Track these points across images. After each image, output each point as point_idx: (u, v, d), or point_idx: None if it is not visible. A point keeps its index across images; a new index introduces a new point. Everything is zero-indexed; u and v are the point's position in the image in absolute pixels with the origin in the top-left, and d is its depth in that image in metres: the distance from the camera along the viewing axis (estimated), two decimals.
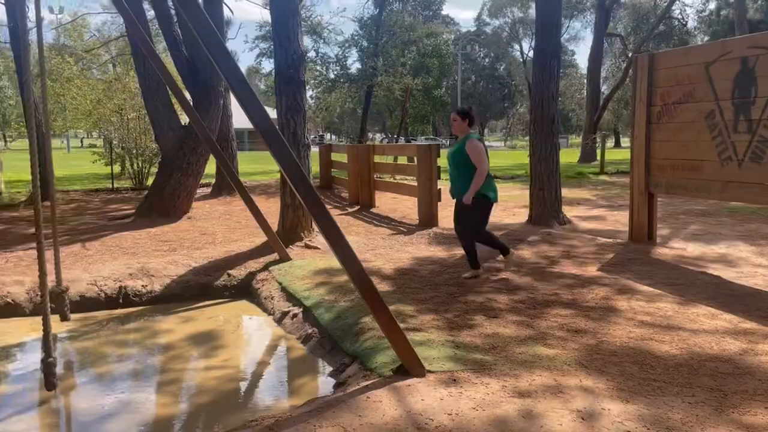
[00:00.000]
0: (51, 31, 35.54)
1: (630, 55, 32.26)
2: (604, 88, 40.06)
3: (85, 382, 4.26)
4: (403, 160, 17.86)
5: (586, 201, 12.08)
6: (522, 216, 9.24)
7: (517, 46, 64.29)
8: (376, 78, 34.52)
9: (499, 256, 5.83)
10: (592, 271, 5.83)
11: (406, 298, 4.98)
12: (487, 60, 68.91)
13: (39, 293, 4.55)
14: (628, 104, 41.26)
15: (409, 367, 3.37)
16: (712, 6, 44.69)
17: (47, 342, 3.59)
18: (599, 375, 3.36)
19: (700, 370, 3.43)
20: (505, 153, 43.97)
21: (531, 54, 55.02)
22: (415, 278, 5.66)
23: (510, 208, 10.81)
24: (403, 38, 39.32)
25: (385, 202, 11.48)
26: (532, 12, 45.01)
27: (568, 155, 26.52)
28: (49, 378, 3.61)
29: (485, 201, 5.52)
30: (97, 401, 3.83)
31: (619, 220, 9.05)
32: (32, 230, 8.34)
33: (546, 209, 8.41)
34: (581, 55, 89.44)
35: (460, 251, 6.80)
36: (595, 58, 28.01)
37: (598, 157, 21.57)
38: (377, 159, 11.58)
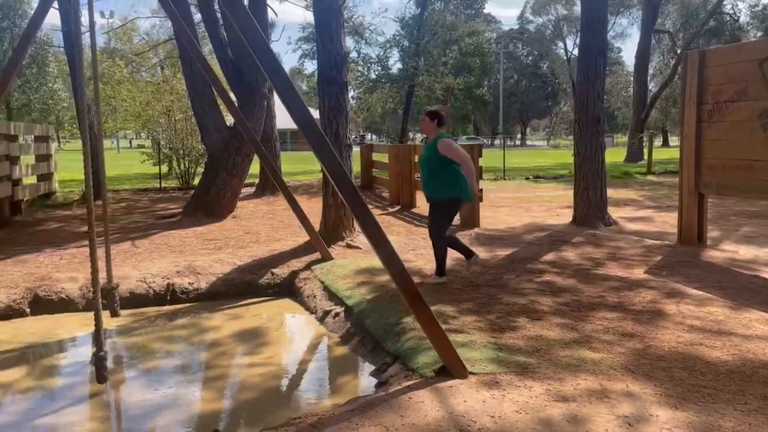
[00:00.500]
0: (102, 35, 36.70)
1: (679, 51, 31.42)
2: (652, 86, 39.06)
3: (134, 376, 4.38)
4: None
5: (632, 201, 11.82)
6: (566, 217, 9.10)
7: (560, 44, 63.34)
8: (417, 78, 34.49)
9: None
10: (638, 273, 5.70)
11: (447, 298, 4.96)
12: (530, 58, 68.09)
13: (91, 289, 4.70)
14: (676, 102, 40.16)
15: (450, 368, 3.35)
16: (765, 0, 43.11)
17: (99, 336, 3.71)
18: (646, 380, 3.29)
19: (753, 377, 3.32)
20: (548, 152, 43.33)
21: (575, 51, 54.09)
22: (457, 279, 5.63)
23: (553, 208, 10.66)
24: (444, 37, 39.18)
25: (426, 203, 11.44)
26: (577, 9, 44.24)
27: (614, 155, 25.97)
28: (100, 371, 3.72)
29: (457, 200, 5.53)
30: (145, 395, 3.94)
31: (667, 222, 8.82)
32: (85, 228, 8.62)
33: (591, 210, 8.26)
34: (628, 52, 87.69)
35: (502, 252, 6.75)
36: (643, 55, 27.34)
37: (645, 157, 21.07)
38: (418, 159, 11.55)
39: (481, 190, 8.60)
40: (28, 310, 5.60)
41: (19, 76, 42.92)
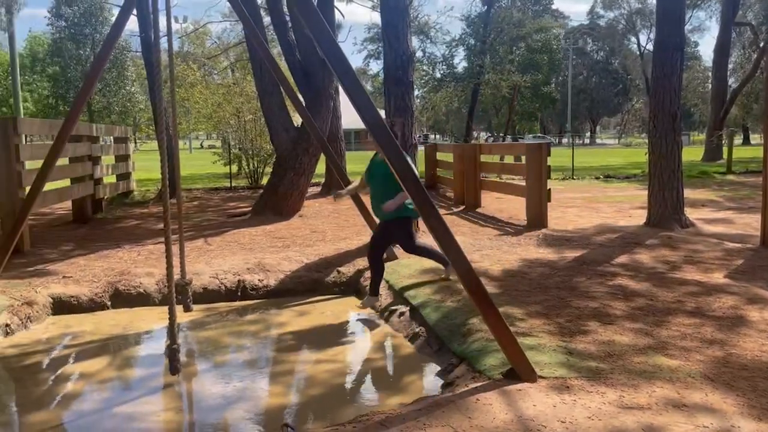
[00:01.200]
0: (176, 40, 38.15)
1: (762, 45, 29.74)
2: (731, 81, 37.16)
3: (206, 369, 4.52)
4: (509, 159, 17.55)
5: (711, 202, 11.29)
6: (639, 218, 8.78)
7: (633, 39, 61.29)
8: (482, 76, 34.08)
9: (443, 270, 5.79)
10: (718, 278, 5.43)
11: (515, 300, 4.87)
12: (600, 54, 66.21)
13: (166, 285, 4.88)
14: (758, 98, 38.04)
15: (519, 370, 3.29)
16: None
17: (172, 330, 3.85)
18: (727, 390, 3.13)
19: None
20: (619, 151, 42.00)
21: (649, 46, 52.10)
22: (524, 280, 5.53)
23: (625, 209, 10.32)
24: (511, 35, 38.52)
25: (490, 202, 11.32)
26: (651, 2, 42.62)
27: (690, 153, 24.86)
28: (173, 363, 3.86)
29: (408, 221, 5.53)
30: (216, 387, 4.05)
31: (749, 224, 8.38)
32: (161, 226, 8.97)
33: (666, 211, 7.93)
34: (705, 46, 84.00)
35: (571, 254, 6.58)
36: (722, 49, 26.02)
37: (725, 156, 20.09)
38: (483, 158, 11.44)
39: (549, 189, 8.42)
40: (108, 303, 5.87)
41: (100, 80, 45.16)
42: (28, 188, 6.54)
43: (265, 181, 14.11)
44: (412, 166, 3.48)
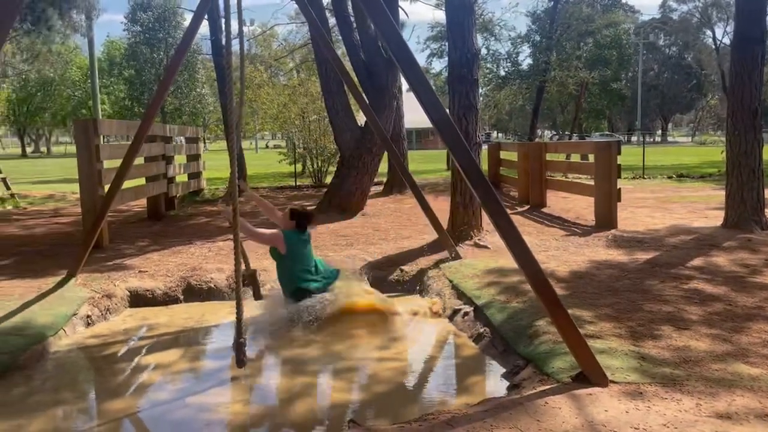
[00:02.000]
0: (245, 42, 39.22)
1: None
2: None
3: (272, 363, 4.61)
4: (575, 158, 17.10)
5: None
6: (715, 219, 8.39)
7: (708, 32, 58.64)
8: (549, 73, 33.36)
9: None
10: None
11: (584, 303, 4.75)
12: (673, 49, 63.66)
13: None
14: None
15: (589, 374, 3.21)
16: None
17: (239, 324, 3.94)
18: None
19: None
20: (693, 149, 40.29)
21: (725, 40, 49.74)
22: (593, 282, 5.38)
23: (700, 210, 9.89)
24: (579, 30, 37.50)
25: (556, 202, 11.08)
26: None
27: None
28: (239, 357, 3.96)
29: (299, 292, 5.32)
30: (282, 382, 4.13)
31: None
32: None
33: (745, 211, 7.55)
34: None
35: (642, 255, 6.37)
36: None
37: None
38: (549, 157, 11.21)
39: (619, 189, 8.17)
40: (181, 297, 6.09)
41: (172, 83, 46.84)
42: (107, 187, 6.88)
43: (328, 180, 14.29)
44: (478, 163, 3.44)
